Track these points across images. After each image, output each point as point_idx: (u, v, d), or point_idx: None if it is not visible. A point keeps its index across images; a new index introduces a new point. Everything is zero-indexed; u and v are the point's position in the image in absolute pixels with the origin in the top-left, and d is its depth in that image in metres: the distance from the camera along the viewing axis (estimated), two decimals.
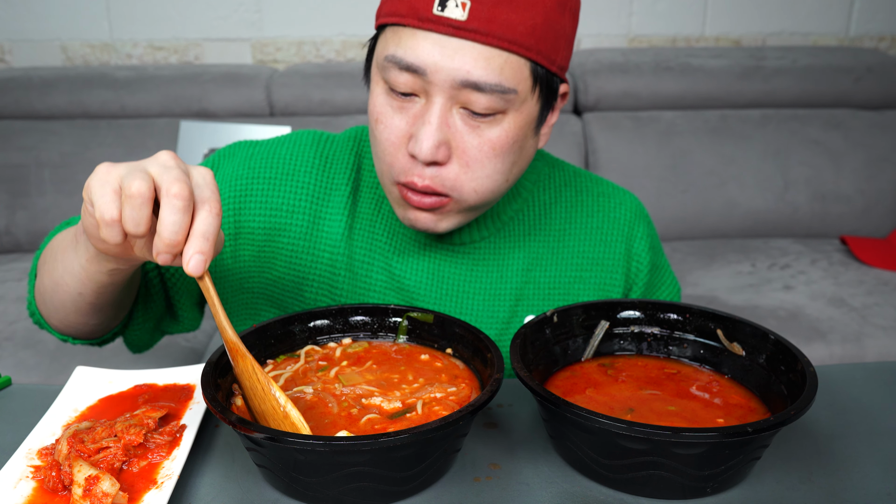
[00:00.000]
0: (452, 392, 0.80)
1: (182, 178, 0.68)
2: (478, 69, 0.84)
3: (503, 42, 0.84)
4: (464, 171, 0.90)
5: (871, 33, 2.91)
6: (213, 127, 2.46)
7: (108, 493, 0.67)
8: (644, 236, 1.10)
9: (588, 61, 2.64)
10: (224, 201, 1.03)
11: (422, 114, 0.88)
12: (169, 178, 0.68)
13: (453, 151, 0.89)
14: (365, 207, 1.05)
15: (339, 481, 0.68)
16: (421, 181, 0.90)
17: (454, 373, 0.84)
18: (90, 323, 0.97)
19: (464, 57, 0.84)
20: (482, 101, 0.86)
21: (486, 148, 0.89)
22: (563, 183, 1.11)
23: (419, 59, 0.85)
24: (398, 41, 0.86)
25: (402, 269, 1.04)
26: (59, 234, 0.95)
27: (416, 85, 0.87)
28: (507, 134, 0.89)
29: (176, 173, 0.69)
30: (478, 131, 0.88)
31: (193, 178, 0.71)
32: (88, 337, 1.02)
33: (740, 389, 0.84)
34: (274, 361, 0.87)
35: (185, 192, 0.68)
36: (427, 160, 0.87)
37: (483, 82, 0.84)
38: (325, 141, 1.07)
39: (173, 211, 0.67)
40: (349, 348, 0.89)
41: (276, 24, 2.76)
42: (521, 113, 0.89)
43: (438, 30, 0.84)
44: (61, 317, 0.96)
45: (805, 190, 2.55)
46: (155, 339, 1.11)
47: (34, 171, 2.45)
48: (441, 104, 0.87)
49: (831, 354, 1.95)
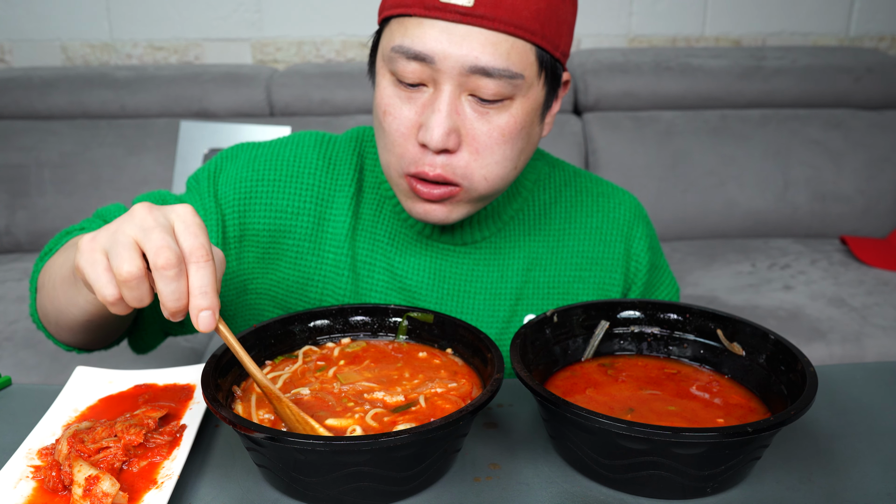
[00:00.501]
0: (453, 388, 0.80)
1: (164, 242, 0.67)
2: (486, 55, 0.85)
3: (509, 27, 0.85)
4: (474, 158, 0.90)
5: (871, 33, 2.91)
6: (213, 127, 2.45)
7: (108, 493, 0.67)
8: (643, 236, 1.10)
9: (588, 61, 2.64)
10: (229, 204, 1.03)
11: (431, 102, 0.88)
12: (153, 248, 0.67)
13: (463, 139, 0.89)
14: (367, 208, 1.05)
15: (339, 481, 0.68)
16: (432, 170, 0.90)
17: (453, 369, 0.85)
18: (98, 338, 0.98)
19: (471, 43, 0.84)
20: (491, 86, 0.86)
21: (495, 134, 0.89)
22: (563, 183, 1.11)
23: (427, 46, 0.85)
24: (404, 31, 0.87)
25: (404, 269, 1.04)
26: (56, 257, 0.93)
27: (424, 74, 0.87)
28: (516, 120, 0.90)
29: (157, 237, 0.67)
30: (487, 118, 0.89)
31: (176, 227, 0.69)
32: (95, 347, 1.03)
33: (740, 389, 0.84)
34: (272, 363, 0.87)
35: (172, 260, 0.66)
36: (438, 148, 0.88)
37: (491, 67, 0.85)
38: (328, 142, 1.08)
39: (167, 282, 0.67)
40: (347, 348, 0.89)
41: (276, 24, 2.76)
42: (528, 99, 0.90)
43: (445, 17, 0.84)
44: (69, 336, 0.97)
45: (805, 190, 2.55)
46: (158, 340, 1.11)
47: (34, 171, 2.45)
48: (450, 91, 0.87)
49: (831, 354, 1.95)
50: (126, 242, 0.68)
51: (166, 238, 0.67)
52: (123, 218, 0.70)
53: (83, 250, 0.71)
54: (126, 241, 0.68)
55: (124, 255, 0.67)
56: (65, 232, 1.02)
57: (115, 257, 0.68)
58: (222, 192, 1.03)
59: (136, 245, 0.68)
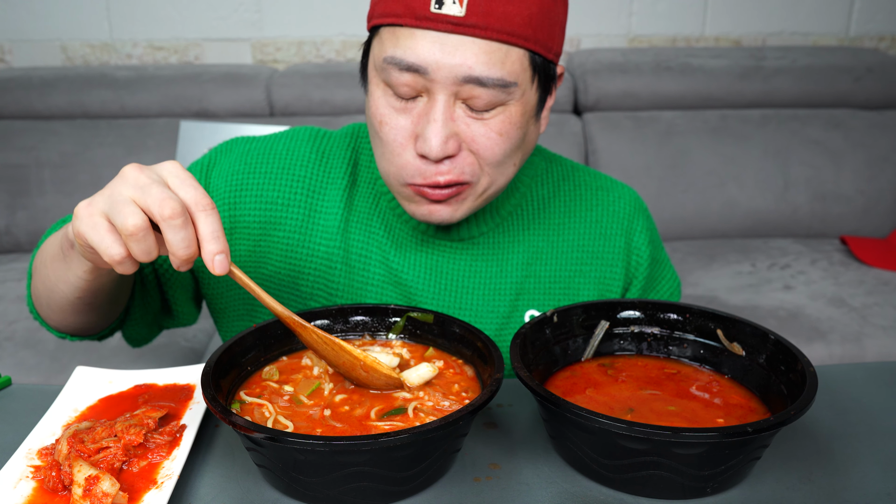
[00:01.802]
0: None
1: (165, 195, 0.69)
2: (479, 64, 0.85)
3: (502, 35, 0.84)
4: (475, 156, 0.91)
5: (871, 33, 2.91)
6: (213, 127, 2.45)
7: (108, 493, 0.67)
8: (643, 230, 1.10)
9: (588, 61, 2.64)
10: (220, 196, 1.04)
11: (426, 112, 0.88)
12: (155, 202, 0.69)
13: (462, 141, 0.90)
14: (361, 202, 1.05)
15: (339, 481, 0.68)
16: (443, 178, 0.90)
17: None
18: (89, 321, 0.98)
19: (465, 53, 0.84)
20: (484, 95, 0.86)
21: (492, 135, 0.90)
22: (561, 177, 1.11)
23: (420, 58, 0.85)
24: (396, 42, 0.86)
25: (400, 264, 1.04)
26: (46, 242, 0.95)
27: (417, 84, 0.87)
28: (511, 120, 0.90)
29: (156, 191, 0.70)
30: (482, 121, 0.89)
31: (171, 182, 0.72)
32: (87, 333, 1.03)
33: (740, 389, 0.84)
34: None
35: (178, 209, 0.69)
36: (438, 157, 0.88)
37: (485, 77, 0.85)
38: (322, 136, 1.08)
39: (175, 231, 0.69)
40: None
41: (276, 24, 2.76)
42: (521, 102, 0.90)
43: (437, 27, 0.84)
44: (59, 318, 0.97)
45: (805, 190, 2.55)
46: (153, 333, 1.11)
47: (34, 171, 2.45)
48: (444, 101, 0.87)
49: (831, 354, 1.95)
50: (125, 200, 0.70)
51: (165, 191, 0.70)
52: (116, 181, 0.72)
53: (81, 216, 0.72)
54: (124, 199, 0.70)
55: (126, 211, 0.69)
56: (61, 221, 1.03)
57: (118, 215, 0.69)
58: (214, 185, 1.04)
59: (134, 202, 0.70)
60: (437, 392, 0.81)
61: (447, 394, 0.81)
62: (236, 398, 0.80)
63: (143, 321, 1.06)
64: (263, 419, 0.76)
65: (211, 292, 1.08)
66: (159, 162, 0.86)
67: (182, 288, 1.05)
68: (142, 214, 0.69)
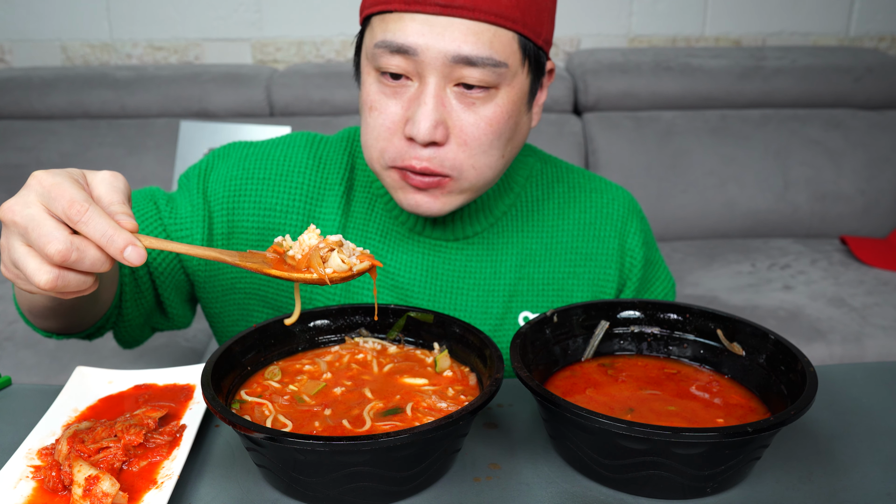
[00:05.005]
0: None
1: (47, 230, 0.66)
2: (468, 44, 0.85)
3: (490, 16, 0.85)
4: (462, 149, 0.91)
5: (871, 33, 2.91)
6: (213, 127, 2.45)
7: (108, 493, 0.67)
8: (637, 231, 1.10)
9: (588, 61, 2.64)
10: (218, 201, 1.04)
11: (417, 96, 0.89)
12: (43, 243, 0.66)
13: (451, 131, 0.90)
14: (358, 207, 1.05)
15: (339, 481, 0.68)
16: (419, 163, 0.90)
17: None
18: (71, 323, 0.97)
19: (453, 33, 0.85)
20: (475, 74, 0.87)
21: (482, 125, 0.90)
22: (555, 178, 1.11)
23: (409, 39, 0.86)
24: (385, 27, 0.88)
25: (396, 267, 1.04)
26: None
27: (408, 67, 0.88)
28: (502, 109, 0.90)
29: (39, 231, 0.66)
30: (473, 108, 0.89)
31: (48, 204, 0.69)
32: (72, 332, 1.02)
33: (740, 389, 0.84)
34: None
35: (62, 247, 0.66)
36: (426, 141, 0.88)
37: (475, 56, 0.86)
38: (319, 142, 1.08)
39: (79, 263, 0.67)
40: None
41: (276, 24, 2.76)
42: (513, 88, 0.90)
43: (425, 10, 0.85)
44: (41, 321, 0.96)
45: (805, 190, 2.55)
46: (145, 334, 1.10)
47: (34, 171, 2.44)
48: (435, 84, 0.88)
49: (831, 354, 1.95)
50: (44, 222, 0.67)
51: (47, 224, 0.67)
52: (3, 230, 0.70)
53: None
54: (42, 220, 0.68)
55: (49, 237, 0.66)
56: None
57: (39, 239, 0.67)
58: (212, 190, 1.04)
59: (28, 246, 0.68)
60: (435, 395, 0.81)
61: (445, 397, 0.81)
62: (236, 398, 0.80)
63: (135, 322, 1.05)
64: (263, 418, 0.76)
65: (205, 296, 1.07)
66: (159, 162, 0.86)
67: (176, 289, 1.05)
68: (65, 235, 0.66)
